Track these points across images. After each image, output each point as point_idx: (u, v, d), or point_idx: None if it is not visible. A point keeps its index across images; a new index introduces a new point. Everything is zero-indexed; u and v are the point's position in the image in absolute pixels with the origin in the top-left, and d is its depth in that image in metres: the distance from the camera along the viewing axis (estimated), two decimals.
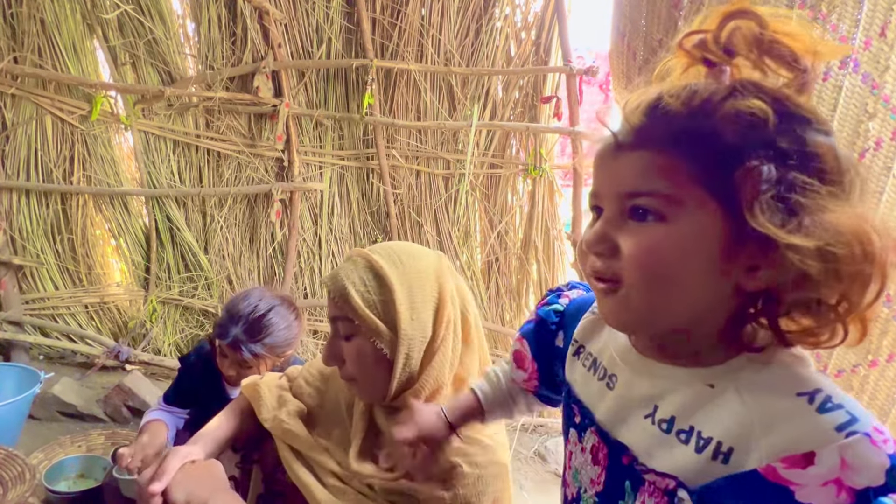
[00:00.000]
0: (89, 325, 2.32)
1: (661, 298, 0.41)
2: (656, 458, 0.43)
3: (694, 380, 0.43)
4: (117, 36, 2.18)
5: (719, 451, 0.39)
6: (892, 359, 1.04)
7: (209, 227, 2.37)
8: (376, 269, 0.73)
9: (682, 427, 0.42)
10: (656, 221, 0.41)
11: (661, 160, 0.40)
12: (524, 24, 2.17)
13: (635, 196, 0.41)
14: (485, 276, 2.35)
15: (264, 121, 2.31)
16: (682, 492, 0.41)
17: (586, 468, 0.51)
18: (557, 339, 0.61)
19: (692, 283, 0.41)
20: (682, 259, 0.40)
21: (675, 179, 0.40)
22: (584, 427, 0.52)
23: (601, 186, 0.45)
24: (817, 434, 0.36)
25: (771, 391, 0.39)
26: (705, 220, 0.39)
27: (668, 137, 0.40)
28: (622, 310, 0.43)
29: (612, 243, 0.43)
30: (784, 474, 0.36)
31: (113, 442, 1.61)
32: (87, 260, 2.33)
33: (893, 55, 0.96)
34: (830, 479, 0.35)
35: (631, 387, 0.48)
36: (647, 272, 0.41)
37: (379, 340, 0.72)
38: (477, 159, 2.25)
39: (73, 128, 2.22)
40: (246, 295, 1.23)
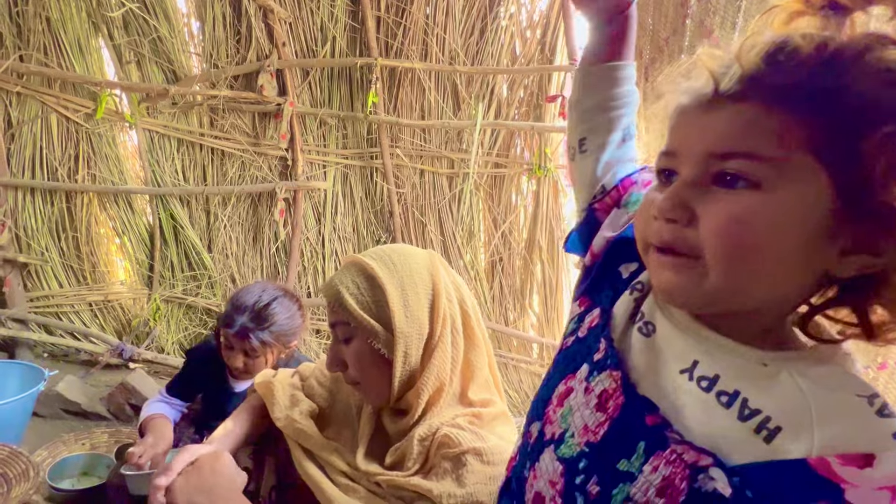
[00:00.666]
0: (93, 323, 2.33)
1: (741, 278, 0.36)
2: (689, 421, 0.39)
3: (746, 353, 0.39)
4: (122, 34, 2.18)
5: (765, 426, 0.36)
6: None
7: (213, 225, 2.37)
8: (368, 272, 0.74)
9: (725, 389, 0.38)
10: (749, 189, 0.35)
11: (770, 117, 0.35)
12: (529, 23, 2.16)
13: (729, 157, 0.35)
14: (488, 276, 2.34)
15: (268, 119, 2.31)
16: (715, 471, 0.36)
17: (584, 411, 0.44)
18: (626, 266, 0.51)
19: (779, 265, 0.36)
20: (774, 235, 0.35)
21: (784, 141, 0.34)
22: (603, 367, 0.45)
23: (681, 144, 0.38)
24: (877, 437, 0.34)
25: (829, 384, 0.37)
26: (809, 191, 0.34)
27: (787, 90, 0.34)
28: (692, 288, 0.38)
29: (691, 211, 0.37)
30: (838, 470, 0.33)
31: (116, 440, 1.61)
32: (92, 258, 2.34)
33: None
34: (887, 485, 0.33)
35: (670, 339, 0.43)
36: (731, 246, 0.36)
37: (376, 341, 0.72)
38: (481, 158, 2.24)
39: (78, 126, 2.22)
40: (249, 287, 1.28)
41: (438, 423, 0.72)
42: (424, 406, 0.74)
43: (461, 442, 0.69)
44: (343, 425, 0.84)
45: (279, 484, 0.87)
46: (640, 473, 0.39)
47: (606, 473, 0.42)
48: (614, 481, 0.41)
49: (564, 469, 0.45)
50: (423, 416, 0.75)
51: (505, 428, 0.76)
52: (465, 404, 0.77)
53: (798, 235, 0.36)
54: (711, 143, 0.37)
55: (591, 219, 0.58)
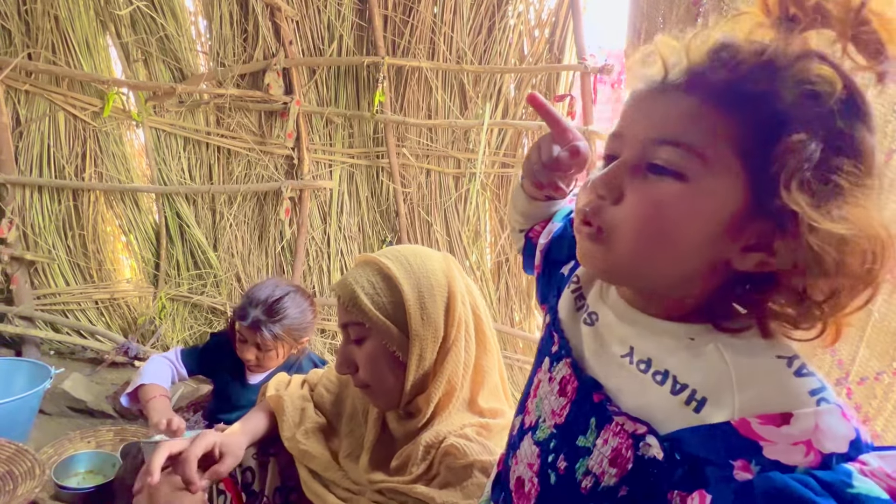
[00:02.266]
0: (99, 321, 2.33)
1: (647, 256, 0.40)
2: (627, 396, 0.43)
3: (675, 331, 0.43)
4: (130, 33, 2.18)
5: (693, 398, 0.40)
6: None
7: (218, 224, 2.37)
8: (385, 272, 0.72)
9: (658, 368, 0.42)
10: (674, 178, 0.38)
11: (705, 111, 0.37)
12: (538, 22, 2.14)
13: (664, 144, 0.38)
14: (495, 277, 2.33)
15: (275, 118, 2.30)
16: (650, 437, 0.40)
17: (550, 398, 0.50)
18: (566, 266, 0.58)
19: (683, 248, 0.39)
20: (685, 222, 0.38)
21: (715, 136, 0.37)
22: (559, 357, 0.50)
23: (627, 127, 0.42)
24: (794, 396, 0.37)
25: (751, 351, 0.39)
26: (727, 189, 0.37)
27: (724, 88, 0.37)
28: (599, 257, 0.42)
29: (620, 192, 0.41)
30: (757, 429, 0.36)
31: (122, 438, 1.61)
32: (98, 256, 2.34)
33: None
34: (802, 440, 0.35)
35: (610, 327, 0.47)
36: (643, 226, 0.39)
37: (391, 342, 0.71)
38: (488, 158, 2.22)
39: (85, 124, 2.23)
40: (262, 284, 1.32)
41: (446, 430, 0.71)
42: (434, 410, 0.73)
43: (468, 453, 0.68)
44: (350, 430, 0.83)
45: (283, 485, 0.87)
46: (594, 447, 0.44)
47: (570, 450, 0.46)
48: (576, 456, 0.45)
49: (539, 451, 0.49)
50: (432, 419, 0.74)
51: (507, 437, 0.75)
52: (474, 411, 0.76)
53: (707, 228, 0.38)
54: (651, 128, 0.39)
55: (529, 243, 0.67)
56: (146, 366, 1.35)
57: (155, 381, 1.30)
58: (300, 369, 1.31)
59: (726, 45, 0.38)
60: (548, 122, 0.57)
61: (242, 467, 0.85)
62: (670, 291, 0.43)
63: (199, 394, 1.72)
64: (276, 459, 0.87)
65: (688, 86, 0.38)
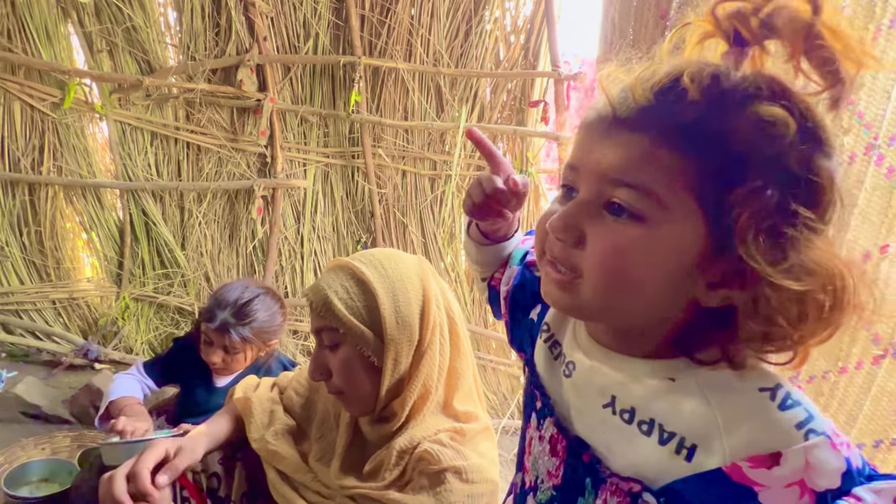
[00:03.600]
0: (56, 322, 2.23)
1: (615, 299, 0.39)
2: (617, 454, 0.42)
3: (654, 371, 0.41)
4: (94, 21, 2.09)
5: (682, 445, 0.38)
6: (861, 366, 1.08)
7: (187, 222, 2.30)
8: (358, 276, 0.72)
9: (643, 418, 0.40)
10: (633, 221, 0.37)
11: (659, 153, 0.36)
12: (513, 28, 2.18)
13: (620, 185, 0.37)
14: (469, 279, 2.35)
15: (247, 115, 2.25)
16: (647, 495, 0.39)
17: (544, 458, 0.49)
18: (534, 311, 0.56)
19: (651, 291, 0.38)
20: (649, 266, 0.37)
21: (668, 179, 0.36)
22: (544, 415, 0.49)
23: (582, 161, 0.40)
24: (781, 433, 0.35)
25: (733, 388, 0.38)
26: (686, 232, 0.36)
27: (675, 128, 0.35)
28: (568, 299, 0.41)
29: (580, 232, 0.39)
30: (749, 474, 0.35)
31: (80, 444, 1.54)
32: (56, 254, 2.24)
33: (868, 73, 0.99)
34: (794, 480, 0.34)
35: (589, 376, 0.45)
36: (608, 273, 0.38)
37: (365, 347, 0.71)
38: (464, 161, 2.24)
39: (43, 115, 2.12)
40: (231, 285, 1.27)
41: (420, 436, 0.71)
42: (408, 413, 0.73)
43: (441, 459, 0.68)
44: (320, 435, 0.82)
45: (250, 490, 0.85)
46: None
47: None
48: None
49: None
50: (406, 423, 0.74)
51: (487, 444, 0.76)
52: (448, 414, 0.76)
53: (671, 269, 0.37)
54: (607, 168, 0.38)
55: (493, 292, 0.68)
56: (112, 386, 1.29)
57: (123, 393, 1.25)
58: (269, 372, 1.29)
59: (674, 83, 0.36)
60: (485, 156, 0.60)
61: (208, 473, 0.83)
62: (642, 329, 0.42)
63: (163, 397, 1.67)
64: (243, 464, 0.85)
65: (638, 123, 0.36)
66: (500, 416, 2.09)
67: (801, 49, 0.34)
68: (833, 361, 1.11)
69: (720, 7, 0.36)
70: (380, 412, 0.74)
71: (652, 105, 0.36)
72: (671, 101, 0.35)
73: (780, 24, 0.34)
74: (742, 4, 0.35)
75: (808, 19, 0.33)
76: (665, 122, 0.36)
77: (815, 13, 0.33)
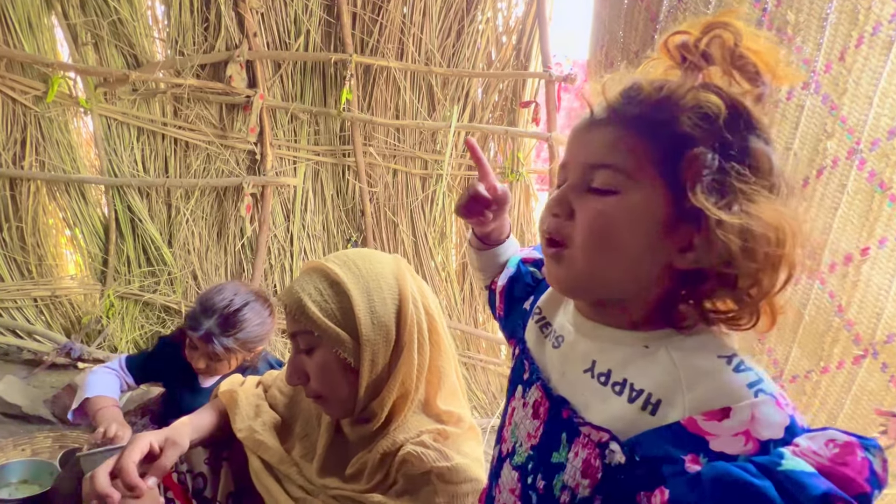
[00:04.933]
0: (38, 320, 2.18)
1: (602, 262, 0.46)
2: (593, 410, 0.47)
3: (632, 340, 0.48)
4: (78, 13, 2.05)
5: (649, 401, 0.44)
6: (842, 366, 1.10)
7: (174, 219, 2.27)
8: (332, 277, 0.71)
9: (616, 379, 0.47)
10: (611, 195, 0.46)
11: (626, 138, 0.46)
12: (505, 29, 2.18)
13: (599, 167, 0.46)
14: (459, 278, 2.35)
15: (237, 111, 2.23)
16: (613, 444, 0.44)
17: (525, 422, 0.54)
18: (527, 302, 0.64)
19: (631, 252, 0.46)
20: (626, 227, 0.45)
21: (635, 157, 0.45)
22: (531, 382, 0.54)
23: (570, 157, 0.50)
24: (733, 391, 0.41)
25: (696, 352, 0.45)
26: (652, 197, 0.45)
27: (636, 119, 0.45)
28: (566, 272, 0.48)
29: (570, 207, 0.48)
30: (702, 425, 0.41)
31: (61, 445, 1.51)
32: (38, 250, 2.19)
33: (851, 79, 1.01)
34: (741, 430, 0.40)
35: (574, 345, 0.52)
36: (593, 234, 0.46)
37: (342, 350, 0.70)
38: (455, 160, 2.24)
39: (25, 109, 2.08)
40: (220, 288, 1.22)
41: (403, 438, 0.71)
42: (388, 413, 0.73)
43: (425, 461, 0.68)
44: (304, 434, 0.82)
45: (236, 489, 0.84)
46: (567, 462, 0.48)
47: (546, 468, 0.50)
48: (552, 473, 0.49)
49: (519, 475, 0.53)
50: (387, 423, 0.74)
51: (471, 444, 0.75)
52: (430, 414, 0.76)
53: (643, 230, 0.45)
54: (589, 155, 0.48)
55: (492, 293, 0.74)
56: (89, 378, 1.26)
57: (101, 392, 1.21)
58: (255, 371, 1.27)
59: (633, 85, 0.47)
60: (475, 162, 0.72)
61: (194, 473, 0.82)
62: (628, 298, 0.48)
63: (148, 397, 1.65)
64: (229, 464, 0.84)
65: (609, 120, 0.47)
66: (489, 416, 2.09)
67: (731, 65, 0.45)
68: (815, 361, 1.14)
69: (670, 40, 0.47)
70: (359, 413, 0.74)
71: (619, 104, 0.47)
72: (632, 99, 0.46)
73: (713, 51, 0.45)
74: (686, 37, 0.46)
75: (732, 45, 0.44)
76: (629, 115, 0.46)
77: (737, 41, 0.44)
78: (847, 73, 1.01)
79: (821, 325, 1.09)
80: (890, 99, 0.98)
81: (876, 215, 1.01)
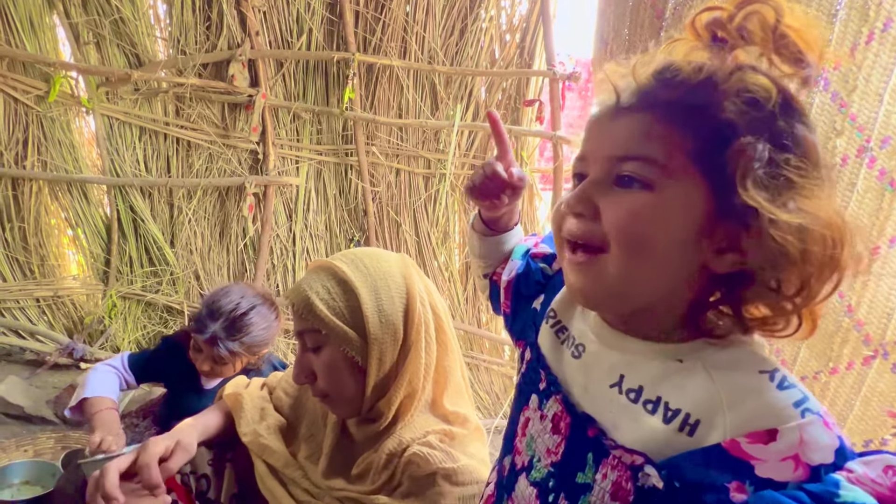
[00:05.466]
0: (40, 321, 2.18)
1: (636, 269, 0.41)
2: (623, 430, 0.43)
3: (663, 354, 0.43)
4: (80, 13, 2.04)
5: (686, 422, 0.40)
6: (851, 367, 1.09)
7: (176, 219, 2.26)
8: (339, 276, 0.71)
9: (649, 397, 0.42)
10: (642, 189, 0.40)
11: (660, 126, 0.40)
12: (509, 27, 2.17)
13: (627, 160, 0.41)
14: (462, 278, 2.34)
15: (239, 111, 2.22)
16: (649, 468, 0.40)
17: (543, 436, 0.49)
18: (537, 301, 0.58)
19: (667, 256, 0.41)
20: (662, 228, 0.40)
21: (670, 148, 0.40)
22: (549, 394, 0.50)
23: (590, 149, 0.44)
24: (779, 411, 0.37)
25: (736, 368, 0.41)
26: (691, 194, 0.40)
27: (672, 104, 0.40)
28: (594, 283, 0.43)
29: (594, 206, 0.42)
30: (746, 449, 0.37)
31: (63, 446, 1.50)
32: (40, 250, 2.19)
33: (861, 76, 1.00)
34: (789, 455, 0.36)
35: (599, 357, 0.47)
36: (627, 238, 0.41)
37: (349, 348, 0.69)
38: (458, 160, 2.23)
39: (27, 108, 2.07)
40: (227, 291, 1.21)
41: (410, 438, 0.70)
42: (395, 413, 0.72)
43: (431, 462, 0.67)
44: (310, 435, 0.81)
45: (240, 491, 0.84)
46: (594, 483, 0.43)
47: (570, 488, 0.45)
48: (577, 494, 0.45)
49: (538, 492, 0.48)
50: (394, 423, 0.73)
51: (477, 445, 0.75)
52: (437, 414, 0.75)
53: (681, 230, 0.40)
54: (613, 147, 0.42)
55: (494, 286, 0.69)
56: (90, 376, 1.25)
57: (100, 393, 1.20)
58: (259, 373, 1.26)
59: (668, 66, 0.41)
60: (496, 139, 0.64)
61: (197, 475, 0.82)
62: (657, 306, 0.43)
63: (150, 398, 1.64)
64: (233, 465, 0.84)
65: (639, 106, 0.41)
66: (492, 416, 2.08)
67: (771, 46, 0.39)
68: (824, 362, 1.12)
69: (697, 19, 0.42)
70: (366, 413, 0.73)
71: (651, 87, 0.41)
72: (667, 81, 0.40)
73: (752, 28, 0.39)
74: (717, 14, 0.41)
75: (774, 21, 0.39)
76: (662, 100, 0.40)
77: (779, 17, 0.39)
78: (857, 70, 1.00)
79: (830, 326, 1.08)
80: None
81: (886, 214, 1.00)
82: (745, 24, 0.39)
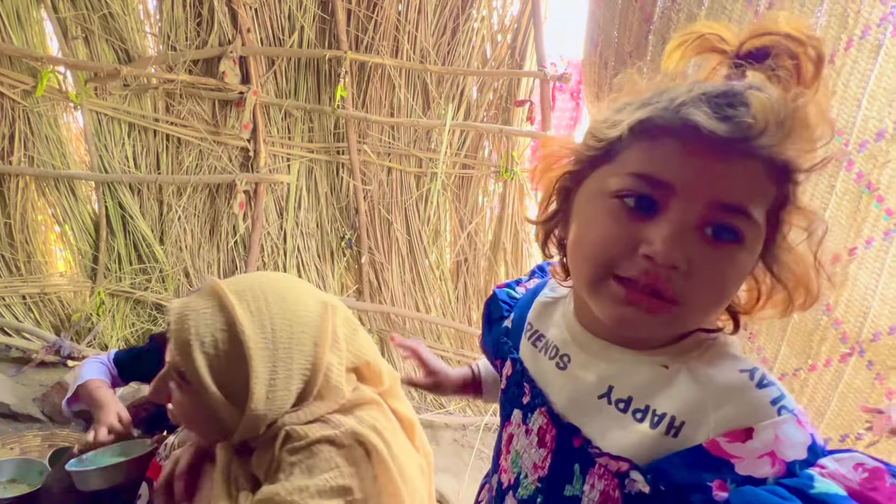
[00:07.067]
0: (27, 318, 2.15)
1: (706, 316, 0.41)
2: (610, 438, 0.43)
3: (650, 362, 0.44)
4: (68, 7, 2.02)
5: (672, 425, 0.41)
6: (829, 364, 1.12)
7: (166, 216, 2.25)
8: (235, 331, 0.58)
9: (638, 406, 0.43)
10: (734, 243, 0.38)
11: (767, 182, 0.38)
12: (501, 27, 2.19)
13: (735, 212, 0.37)
14: (454, 276, 2.35)
15: (230, 108, 2.21)
16: (634, 473, 0.41)
17: (529, 451, 0.49)
18: (507, 320, 0.59)
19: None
20: (739, 283, 0.40)
21: (765, 205, 0.38)
22: (533, 407, 0.49)
23: (684, 181, 0.38)
24: (757, 409, 0.39)
25: (717, 368, 0.42)
26: (759, 246, 0.40)
27: (777, 160, 0.37)
28: (661, 327, 0.41)
29: (690, 259, 0.38)
30: (726, 448, 0.38)
31: (51, 444, 1.49)
32: (27, 247, 2.16)
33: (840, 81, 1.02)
34: (766, 452, 0.37)
35: (585, 368, 0.47)
36: (716, 297, 0.40)
37: (217, 410, 0.59)
38: (449, 159, 2.24)
39: (14, 103, 2.04)
40: None
41: (282, 423, 0.61)
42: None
43: (307, 433, 0.59)
44: None
45: None
46: (582, 494, 0.44)
47: (558, 502, 0.45)
48: None
49: None
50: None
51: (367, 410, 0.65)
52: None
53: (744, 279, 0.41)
54: (722, 192, 0.37)
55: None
56: (82, 367, 1.25)
57: (94, 376, 1.21)
58: None
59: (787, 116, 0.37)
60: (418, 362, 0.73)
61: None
62: None
63: (140, 395, 1.63)
64: None
65: (751, 149, 0.37)
66: (482, 413, 2.10)
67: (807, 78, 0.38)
68: (803, 359, 1.15)
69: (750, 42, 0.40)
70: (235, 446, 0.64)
71: (769, 129, 0.36)
72: (776, 132, 0.37)
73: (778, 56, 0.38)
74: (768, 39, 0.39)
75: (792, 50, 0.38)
76: (769, 145, 0.37)
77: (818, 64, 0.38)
78: (836, 75, 1.02)
79: (809, 324, 1.11)
80: (878, 101, 1.00)
81: (864, 216, 1.03)
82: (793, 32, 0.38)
